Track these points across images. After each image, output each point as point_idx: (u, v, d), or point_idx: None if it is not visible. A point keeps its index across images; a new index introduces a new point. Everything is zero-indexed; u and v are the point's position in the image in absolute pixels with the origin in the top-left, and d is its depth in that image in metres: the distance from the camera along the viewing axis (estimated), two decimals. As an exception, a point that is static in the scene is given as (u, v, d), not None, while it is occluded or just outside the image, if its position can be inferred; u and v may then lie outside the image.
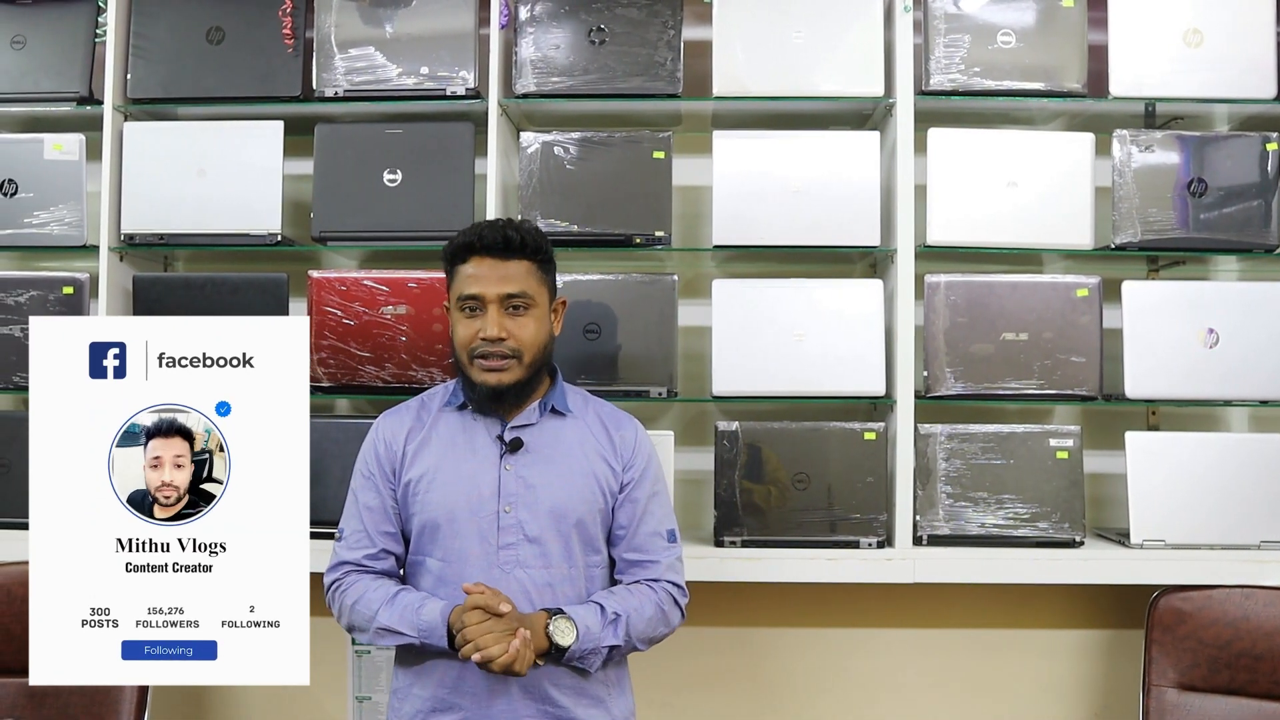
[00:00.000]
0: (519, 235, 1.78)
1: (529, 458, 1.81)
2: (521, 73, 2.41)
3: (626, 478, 1.84)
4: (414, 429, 1.86)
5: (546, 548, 1.78)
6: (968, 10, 2.38)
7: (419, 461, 1.83)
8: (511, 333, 1.76)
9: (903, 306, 2.34)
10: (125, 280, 2.47)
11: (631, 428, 1.89)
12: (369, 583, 1.81)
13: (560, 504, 1.79)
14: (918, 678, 2.57)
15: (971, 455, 2.33)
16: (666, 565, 1.84)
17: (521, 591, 1.76)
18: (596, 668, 1.75)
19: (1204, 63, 2.37)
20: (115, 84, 2.46)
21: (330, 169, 2.43)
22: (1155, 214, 2.37)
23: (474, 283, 1.77)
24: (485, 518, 1.78)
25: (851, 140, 2.39)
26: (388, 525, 1.84)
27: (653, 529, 1.85)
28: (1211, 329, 2.36)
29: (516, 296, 1.77)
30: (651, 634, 1.79)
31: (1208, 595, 2.28)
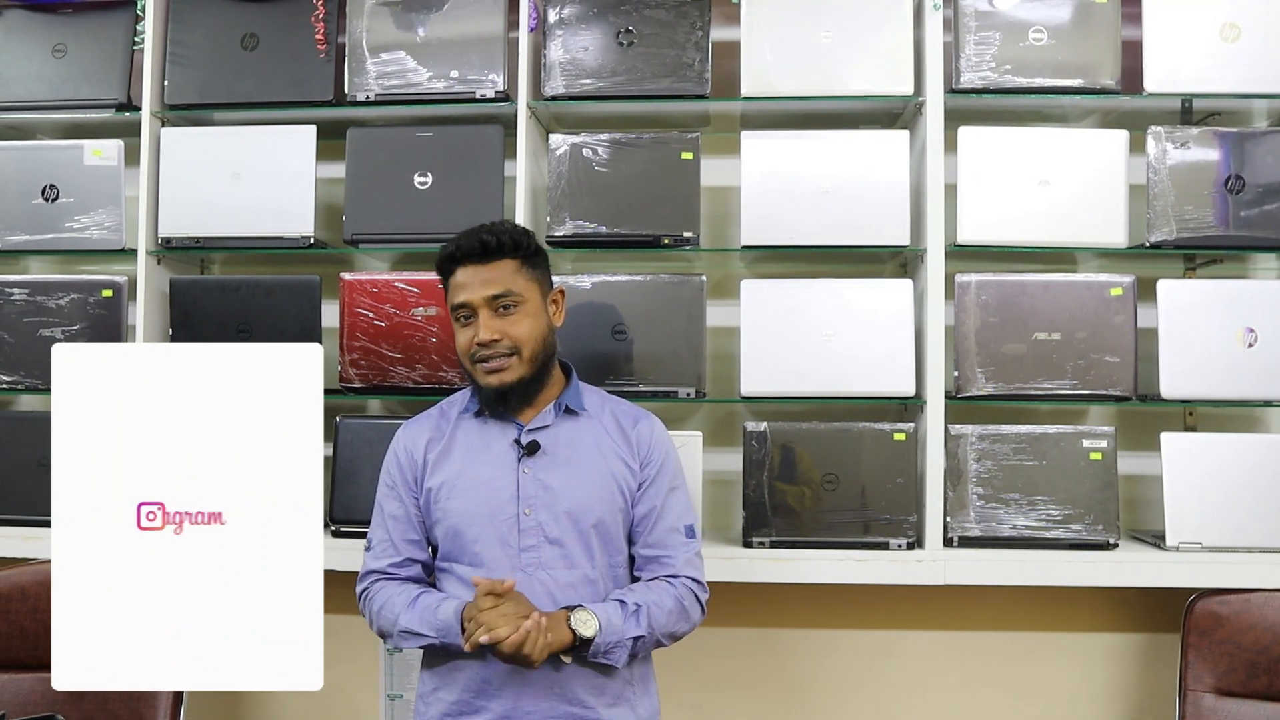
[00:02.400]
0: (495, 237, 1.81)
1: (546, 460, 1.82)
2: (550, 75, 2.42)
3: (644, 475, 1.86)
4: (434, 438, 1.89)
5: (568, 549, 1.80)
6: (999, 7, 2.36)
7: (440, 470, 1.86)
8: (505, 332, 1.79)
9: (933, 306, 2.33)
10: (162, 283, 2.51)
11: (647, 424, 1.90)
12: (394, 589, 1.85)
13: (579, 505, 1.80)
14: (948, 680, 2.55)
15: (1003, 456, 2.31)
16: (684, 560, 1.84)
17: (545, 593, 1.77)
18: (622, 662, 1.75)
19: (1241, 57, 2.33)
20: (153, 90, 2.50)
21: (362, 172, 2.46)
22: (1191, 211, 2.33)
23: (461, 291, 1.82)
24: (505, 521, 1.80)
25: (881, 139, 2.37)
26: (412, 534, 1.88)
27: (670, 524, 1.86)
28: (1250, 328, 2.32)
29: (502, 296, 1.80)
30: (673, 629, 1.80)
31: (1246, 599, 2.25)
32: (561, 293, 1.92)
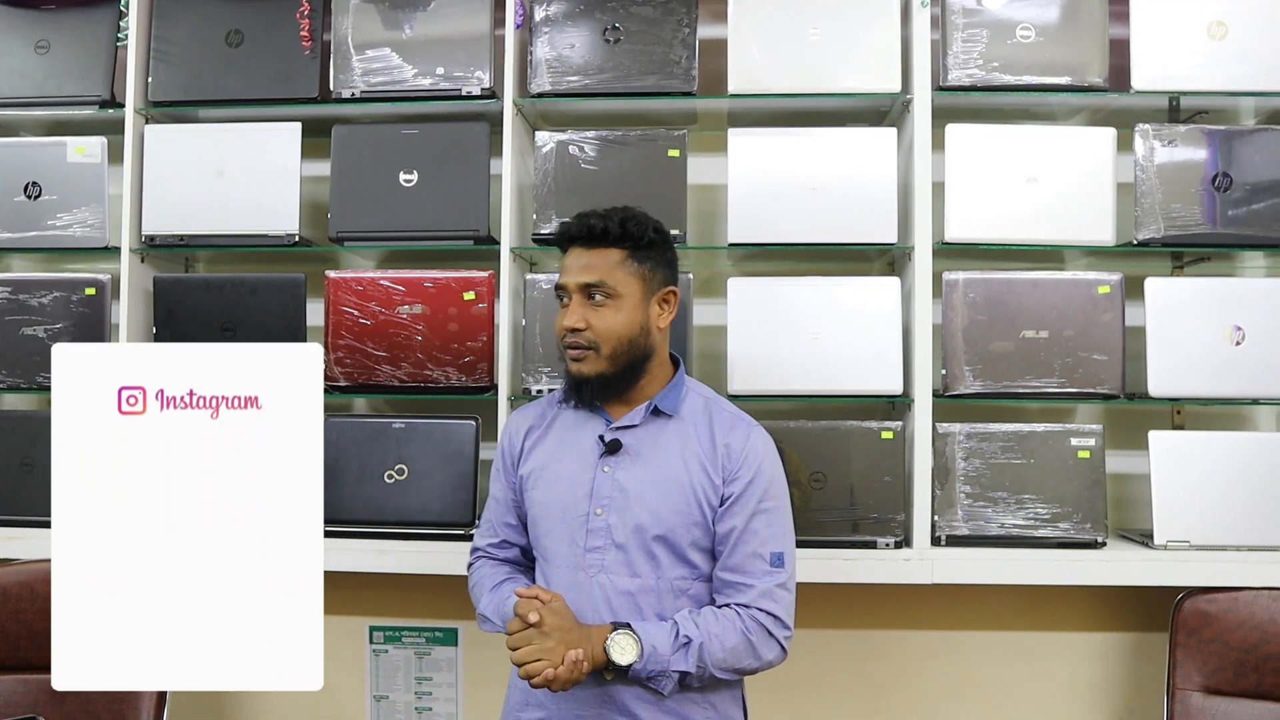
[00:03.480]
0: (604, 223, 1.73)
1: (627, 461, 1.75)
2: (537, 72, 2.41)
3: (728, 491, 1.73)
4: (535, 425, 1.86)
5: (631, 556, 1.72)
6: (986, 5, 2.35)
7: (532, 458, 1.83)
8: (590, 323, 1.72)
9: (920, 304, 2.32)
10: (146, 281, 2.50)
11: (742, 435, 1.76)
12: (488, 570, 1.86)
13: (649, 512, 1.72)
14: (935, 680, 2.55)
15: (991, 455, 2.30)
16: (761, 591, 1.69)
17: (602, 598, 1.71)
18: (668, 690, 1.65)
19: (1228, 55, 2.34)
20: (136, 87, 2.49)
21: (347, 170, 2.45)
22: (1179, 209, 2.33)
23: (563, 273, 1.77)
24: (576, 519, 1.74)
25: (868, 137, 2.37)
26: (510, 517, 1.87)
27: (753, 550, 1.71)
28: (1238, 326, 2.32)
29: (594, 286, 1.72)
30: (736, 665, 1.68)
31: (1234, 597, 2.24)
32: (675, 293, 1.80)
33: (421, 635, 2.64)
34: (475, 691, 2.64)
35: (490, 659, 2.64)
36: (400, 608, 2.62)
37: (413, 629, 2.64)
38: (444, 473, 2.37)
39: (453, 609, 2.63)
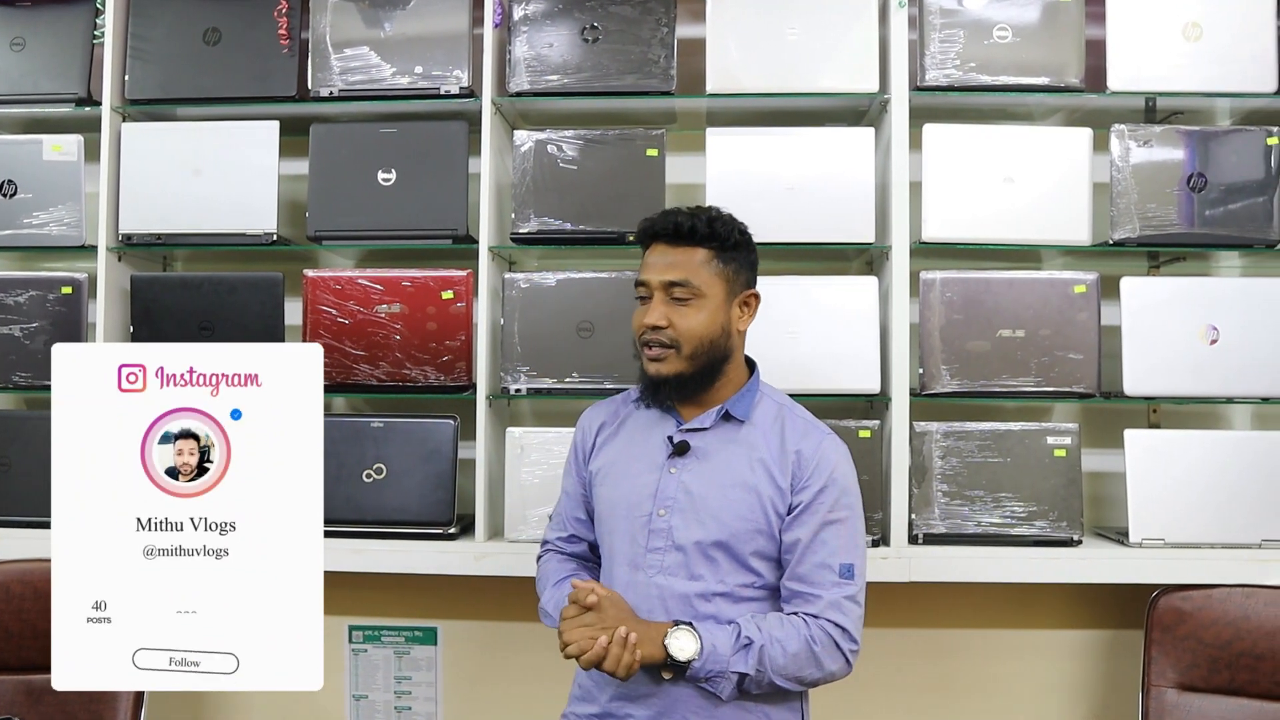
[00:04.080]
0: (691, 221, 1.72)
1: (694, 464, 1.73)
2: (515, 71, 2.41)
3: (796, 500, 1.70)
4: (607, 422, 1.86)
5: (691, 559, 1.69)
6: (963, 5, 2.36)
7: (602, 454, 1.83)
8: (672, 321, 1.70)
9: (898, 303, 2.33)
10: (123, 280, 2.48)
11: (813, 444, 1.73)
12: (555, 564, 1.87)
13: (714, 516, 1.70)
14: (913, 678, 2.56)
15: (968, 453, 2.31)
16: (829, 602, 1.66)
17: (659, 600, 1.69)
18: (726, 694, 1.63)
19: (1204, 56, 2.35)
20: (113, 85, 2.47)
21: (325, 168, 2.44)
22: (1154, 209, 2.34)
23: (645, 269, 1.75)
24: (638, 519, 1.73)
25: (846, 137, 2.37)
26: (579, 512, 1.88)
27: (821, 560, 1.68)
28: (1213, 325, 2.34)
29: (678, 285, 1.71)
30: (798, 673, 1.64)
31: (1208, 595, 2.26)
32: (756, 296, 1.80)
33: (401, 635, 2.64)
34: (455, 691, 2.64)
35: (470, 658, 2.64)
36: (379, 607, 2.62)
37: (392, 628, 2.64)
38: (423, 472, 2.36)
39: (432, 608, 2.63)
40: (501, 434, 2.40)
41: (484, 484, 2.38)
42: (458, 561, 2.36)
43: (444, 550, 2.36)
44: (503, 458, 2.38)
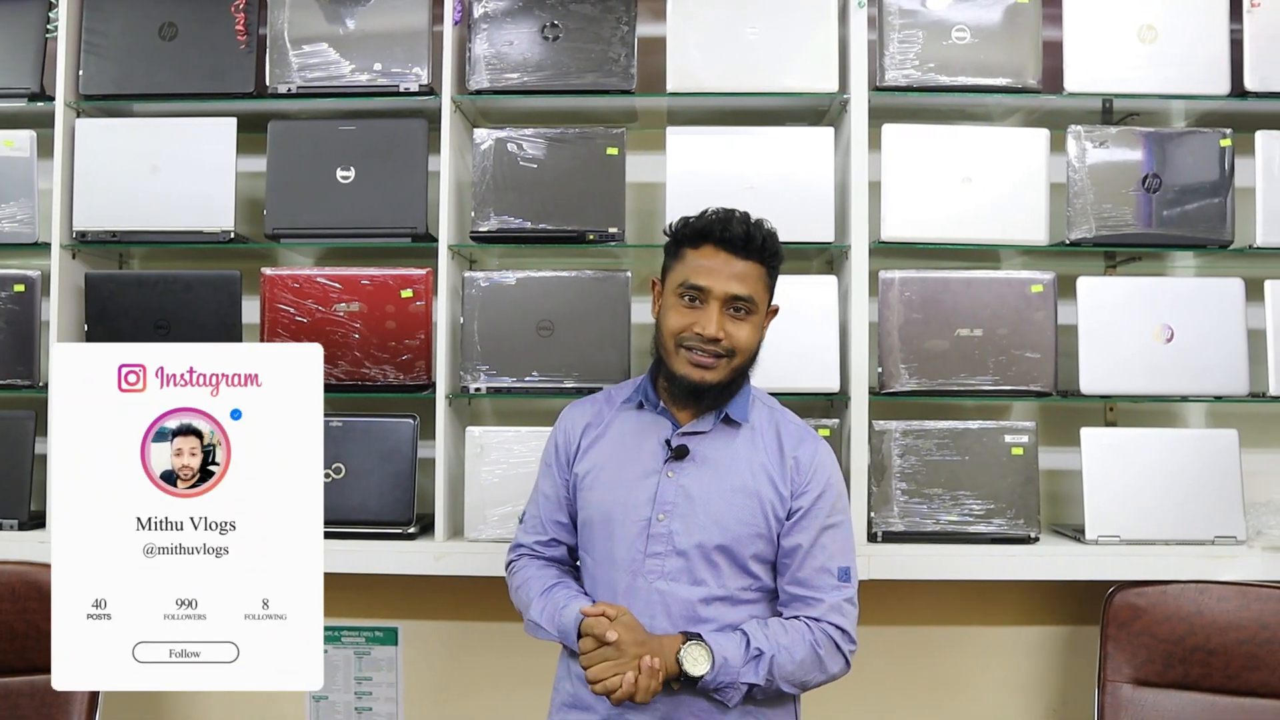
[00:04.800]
0: (761, 236, 1.71)
1: (693, 467, 1.73)
2: (475, 69, 2.40)
3: (796, 505, 1.72)
4: (592, 423, 1.83)
5: (693, 563, 1.69)
6: (923, 6, 2.37)
7: (589, 456, 1.80)
8: (730, 334, 1.69)
9: (857, 303, 2.34)
10: (77, 278, 2.45)
11: (810, 450, 1.76)
12: (535, 570, 1.81)
13: (715, 520, 1.70)
14: (871, 676, 2.56)
15: (926, 451, 2.33)
16: (831, 605, 1.69)
17: (661, 605, 1.69)
18: (734, 702, 1.65)
19: (1159, 59, 2.37)
20: (67, 80, 2.44)
21: (283, 166, 2.42)
22: (1110, 210, 2.37)
23: (704, 274, 1.69)
24: (637, 524, 1.72)
25: (806, 136, 2.38)
26: (560, 515, 1.84)
27: (821, 564, 1.70)
28: (1168, 325, 2.36)
29: (743, 300, 1.69)
30: (803, 678, 1.68)
31: (1162, 591, 2.29)
32: (776, 310, 1.81)
33: (361, 635, 2.62)
34: (415, 691, 2.63)
35: (430, 658, 2.63)
36: (339, 607, 2.60)
37: (352, 628, 2.62)
38: (382, 471, 2.35)
39: (392, 608, 2.62)
40: (461, 433, 2.39)
41: (444, 483, 2.37)
42: (417, 561, 2.35)
43: (404, 550, 2.35)
44: (462, 457, 2.37)
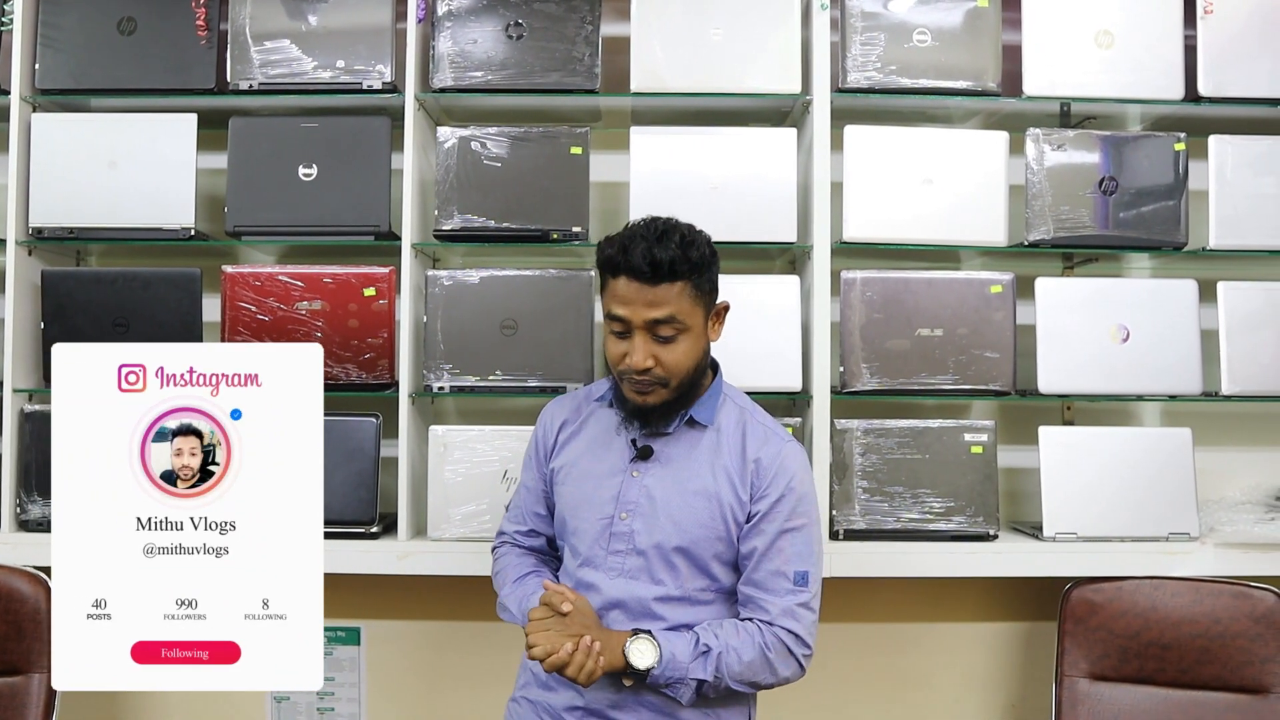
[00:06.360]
0: (667, 257, 1.63)
1: (657, 468, 1.74)
2: (439, 67, 2.39)
3: (755, 508, 1.72)
4: (569, 419, 1.85)
5: (652, 563, 1.72)
6: (884, 9, 2.39)
7: (564, 452, 1.83)
8: (659, 359, 1.67)
9: (819, 302, 2.36)
10: (34, 275, 2.42)
11: (773, 452, 1.74)
12: (514, 558, 1.87)
13: (674, 522, 1.71)
14: (831, 673, 2.59)
15: (887, 450, 2.35)
16: (783, 609, 1.69)
17: (618, 602, 1.71)
18: (686, 699, 1.66)
19: (1115, 64, 2.41)
20: (23, 74, 2.41)
21: (244, 163, 2.40)
22: (1068, 212, 2.40)
23: (621, 305, 1.67)
24: (600, 521, 1.74)
25: (769, 137, 2.39)
26: (539, 507, 1.88)
27: (776, 568, 1.70)
28: (1124, 325, 2.40)
29: (664, 323, 1.66)
30: (752, 678, 1.68)
31: (1118, 586, 2.33)
32: (725, 307, 1.78)
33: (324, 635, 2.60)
34: (378, 691, 2.61)
35: (393, 658, 2.62)
36: (301, 608, 2.58)
37: (314, 629, 2.60)
38: (345, 470, 2.33)
39: (355, 608, 2.60)
40: (424, 432, 2.38)
41: (407, 483, 2.36)
42: (380, 561, 2.34)
43: (366, 549, 2.33)
44: (425, 456, 2.36)
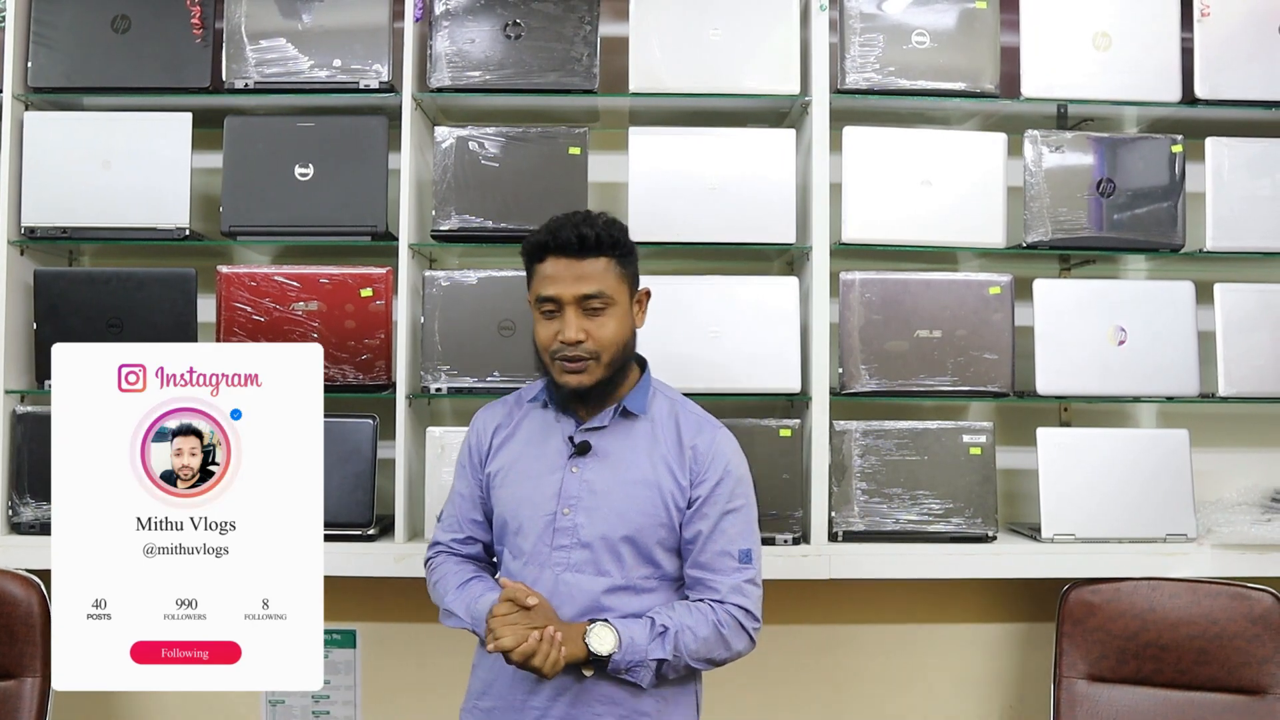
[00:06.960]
0: (594, 232, 1.72)
1: (596, 462, 1.77)
2: (436, 67, 2.38)
3: (695, 493, 1.76)
4: (503, 424, 1.86)
5: (598, 555, 1.74)
6: (883, 10, 2.40)
7: (500, 456, 1.84)
8: (590, 333, 1.71)
9: (818, 304, 2.35)
10: (26, 275, 2.40)
11: (708, 439, 1.79)
12: (453, 566, 1.86)
13: (618, 513, 1.74)
14: (832, 673, 2.59)
15: (886, 451, 2.35)
16: (731, 587, 1.74)
17: (567, 595, 1.73)
18: (647, 682, 1.69)
19: (1112, 66, 2.42)
20: (16, 72, 2.39)
21: (240, 162, 2.38)
22: (1065, 213, 2.40)
23: (550, 284, 1.72)
24: (544, 518, 1.76)
25: (768, 138, 2.39)
26: (475, 514, 1.87)
27: (721, 548, 1.75)
28: (1121, 327, 2.40)
29: (594, 297, 1.71)
30: (709, 655, 1.73)
31: (1116, 588, 2.33)
32: (647, 294, 1.83)
33: (319, 638, 2.59)
34: (373, 694, 2.60)
35: (389, 661, 2.60)
36: (296, 610, 2.57)
37: (309, 632, 2.59)
38: (341, 472, 2.32)
39: (351, 611, 2.59)
40: (422, 434, 2.37)
41: (404, 484, 2.35)
42: (377, 563, 2.32)
43: (363, 551, 2.32)
44: (423, 457, 2.35)
